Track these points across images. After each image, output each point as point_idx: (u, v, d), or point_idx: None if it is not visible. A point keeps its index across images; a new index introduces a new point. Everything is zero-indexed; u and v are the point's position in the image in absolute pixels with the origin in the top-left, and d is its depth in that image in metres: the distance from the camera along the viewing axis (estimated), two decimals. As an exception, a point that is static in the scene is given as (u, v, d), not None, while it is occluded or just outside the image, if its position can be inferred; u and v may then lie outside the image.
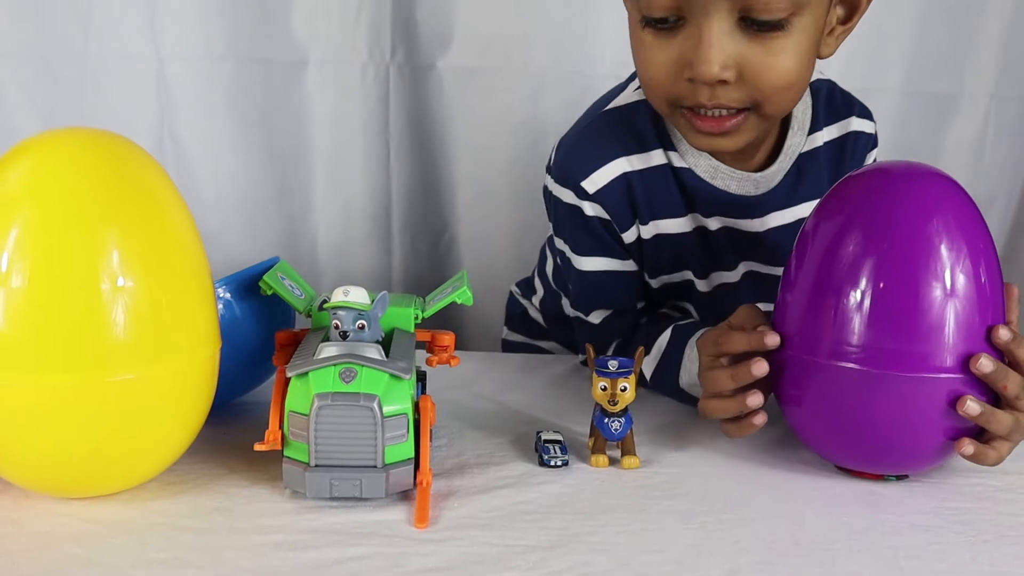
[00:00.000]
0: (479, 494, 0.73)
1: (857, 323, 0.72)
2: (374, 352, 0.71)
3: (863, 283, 0.72)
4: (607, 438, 0.79)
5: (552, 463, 0.79)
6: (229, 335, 0.77)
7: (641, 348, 0.79)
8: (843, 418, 0.75)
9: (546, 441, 0.81)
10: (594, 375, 0.78)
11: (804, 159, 0.95)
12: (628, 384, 0.77)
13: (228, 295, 0.83)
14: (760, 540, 0.68)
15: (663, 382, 0.93)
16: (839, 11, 0.86)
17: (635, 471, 0.79)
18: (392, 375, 0.70)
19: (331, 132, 1.37)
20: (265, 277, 0.82)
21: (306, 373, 0.70)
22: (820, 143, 0.96)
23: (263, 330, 0.84)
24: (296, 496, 0.72)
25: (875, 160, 1.02)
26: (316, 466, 0.69)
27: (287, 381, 0.72)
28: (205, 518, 0.69)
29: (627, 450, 0.79)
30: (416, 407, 0.73)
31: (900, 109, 1.41)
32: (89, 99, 1.29)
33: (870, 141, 1.00)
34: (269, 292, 0.82)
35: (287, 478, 0.71)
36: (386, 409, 0.69)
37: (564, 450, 0.80)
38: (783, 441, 0.85)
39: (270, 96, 1.34)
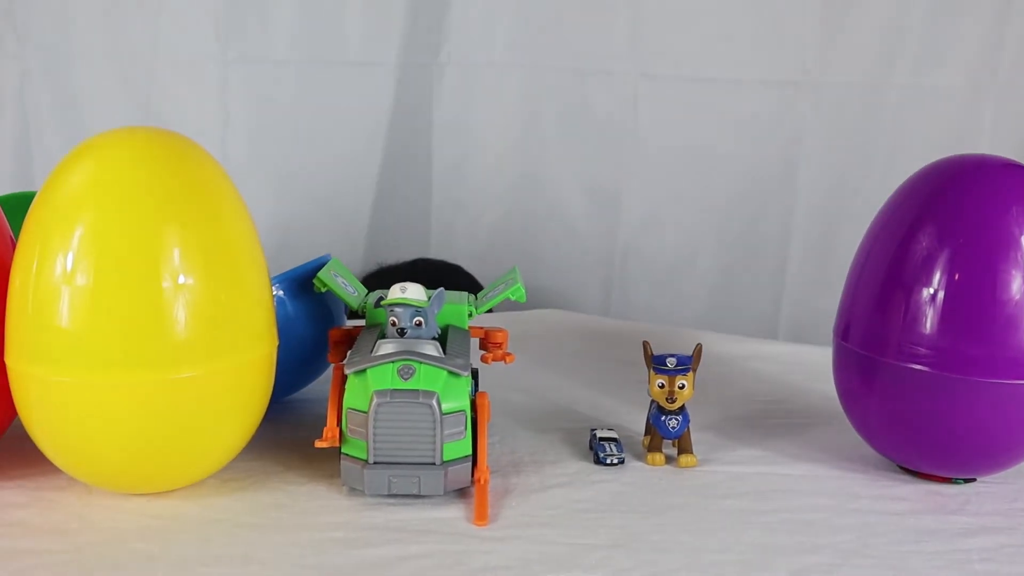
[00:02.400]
0: (536, 492, 0.73)
1: (928, 322, 0.70)
2: (432, 349, 0.71)
3: (936, 279, 0.70)
4: (664, 436, 0.78)
5: (608, 461, 0.78)
6: (283, 333, 0.77)
7: (700, 345, 0.78)
8: (910, 420, 0.73)
9: (601, 439, 0.80)
10: (651, 372, 0.77)
11: None
12: (686, 381, 0.76)
13: (282, 293, 0.83)
14: (826, 541, 0.66)
15: None
16: None
17: (692, 470, 0.78)
18: (451, 372, 0.70)
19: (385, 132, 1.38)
20: (319, 274, 0.82)
21: (364, 370, 0.70)
22: None
23: (316, 328, 0.84)
24: (354, 493, 0.72)
25: None
26: (375, 463, 0.69)
27: (344, 378, 0.72)
28: (265, 515, 0.69)
29: (684, 448, 0.78)
30: (473, 404, 0.73)
31: None
32: (155, 99, 1.31)
33: None
34: (323, 289, 0.81)
35: (345, 475, 0.71)
36: (445, 406, 0.69)
37: (620, 448, 0.79)
38: (842, 439, 0.83)
39: (331, 96, 1.36)
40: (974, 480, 0.77)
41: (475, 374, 0.85)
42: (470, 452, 0.71)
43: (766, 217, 1.46)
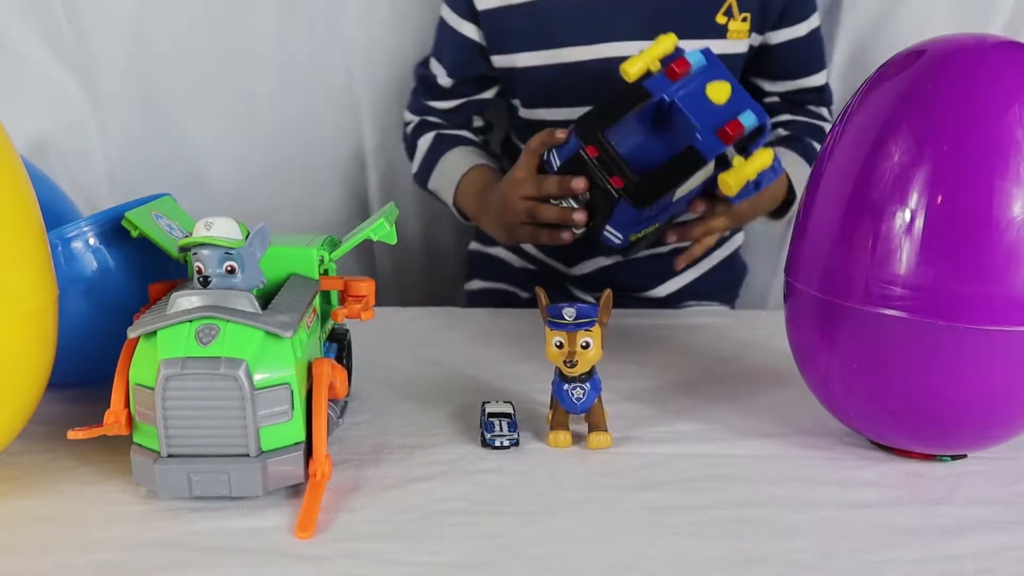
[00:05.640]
0: (395, 488, 0.55)
1: (904, 256, 0.53)
2: (245, 303, 0.53)
3: (913, 200, 0.53)
4: (568, 410, 0.61)
5: (496, 443, 0.60)
6: (98, 289, 0.61)
7: (609, 291, 0.60)
8: (882, 381, 0.56)
9: (491, 415, 0.63)
10: (547, 329, 0.59)
11: None
12: (591, 339, 0.58)
13: (95, 240, 0.65)
14: (771, 549, 0.49)
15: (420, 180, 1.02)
16: None
17: (605, 453, 0.60)
18: (268, 333, 0.52)
19: None
20: (128, 214, 0.63)
21: (154, 333, 0.52)
22: None
23: (144, 283, 0.65)
24: (152, 496, 0.54)
25: None
26: (169, 456, 0.52)
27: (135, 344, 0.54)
28: (21, 529, 0.51)
29: (595, 425, 0.61)
30: (309, 375, 0.55)
31: None
32: None
33: None
34: (135, 233, 0.63)
35: (136, 472, 0.53)
36: (258, 378, 0.51)
37: (513, 426, 0.61)
38: (799, 410, 0.67)
39: None
40: (964, 457, 0.60)
41: (341, 337, 0.67)
42: (303, 439, 0.54)
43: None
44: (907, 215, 0.53)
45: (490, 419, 0.62)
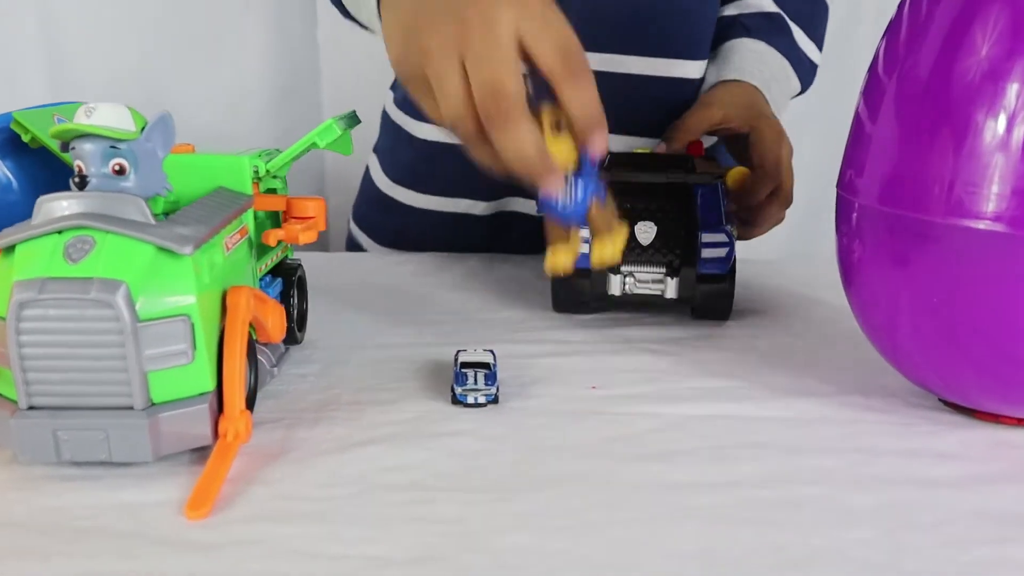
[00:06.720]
0: (329, 454, 0.43)
1: (998, 159, 0.40)
2: (132, 211, 0.41)
3: (1011, 94, 0.40)
4: (561, 220, 0.49)
5: (467, 399, 0.48)
6: None
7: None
8: (970, 321, 0.43)
9: (465, 364, 0.50)
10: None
11: None
12: (559, 120, 0.47)
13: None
14: (826, 543, 0.36)
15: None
16: None
17: (608, 413, 0.47)
18: (160, 248, 0.40)
19: None
20: (18, 115, 0.52)
21: (12, 248, 0.40)
22: None
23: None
24: (13, 461, 0.42)
25: None
26: (29, 408, 0.39)
27: None
28: None
29: (597, 230, 0.49)
30: (222, 308, 0.43)
31: None
32: None
33: None
34: (27, 138, 0.52)
35: (-5, 429, 0.41)
36: (143, 306, 0.39)
37: (491, 379, 0.48)
38: (852, 362, 0.54)
39: None
40: (1070, 423, 0.47)
41: (292, 271, 0.55)
42: (210, 388, 0.41)
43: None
44: (1001, 117, 0.40)
45: (463, 370, 0.49)
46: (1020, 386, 0.44)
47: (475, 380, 0.48)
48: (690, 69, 0.77)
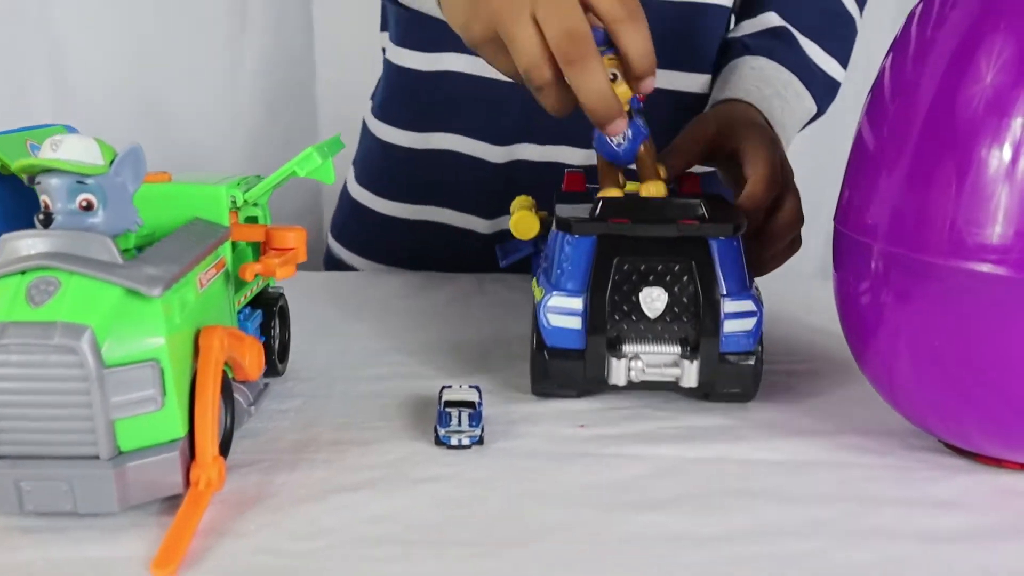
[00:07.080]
0: (307, 502, 0.41)
1: (1002, 196, 0.38)
2: (99, 250, 0.39)
3: (1016, 127, 0.38)
4: (610, 159, 0.55)
5: (451, 441, 0.46)
6: None
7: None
8: (970, 362, 0.41)
9: (448, 404, 0.48)
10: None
11: None
12: (615, 70, 0.51)
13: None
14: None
15: None
16: None
17: (595, 455, 0.46)
18: (127, 290, 0.38)
19: None
20: (-10, 137, 0.50)
21: (-27, 289, 0.38)
22: None
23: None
24: (-21, 510, 0.40)
25: None
26: (-8, 458, 0.38)
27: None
28: None
29: (647, 175, 0.55)
30: (195, 348, 0.41)
31: None
32: None
33: None
34: (-1, 166, 0.50)
35: (-44, 477, 0.39)
36: (110, 351, 0.37)
37: (476, 419, 0.47)
38: (849, 402, 0.52)
39: None
40: (1076, 468, 0.45)
41: (273, 302, 0.54)
42: (181, 435, 0.39)
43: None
44: (1003, 150, 0.39)
45: (447, 409, 0.48)
46: (1023, 433, 0.43)
47: (459, 421, 0.47)
48: (694, 82, 0.75)
